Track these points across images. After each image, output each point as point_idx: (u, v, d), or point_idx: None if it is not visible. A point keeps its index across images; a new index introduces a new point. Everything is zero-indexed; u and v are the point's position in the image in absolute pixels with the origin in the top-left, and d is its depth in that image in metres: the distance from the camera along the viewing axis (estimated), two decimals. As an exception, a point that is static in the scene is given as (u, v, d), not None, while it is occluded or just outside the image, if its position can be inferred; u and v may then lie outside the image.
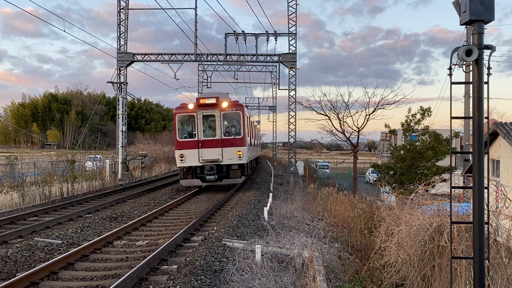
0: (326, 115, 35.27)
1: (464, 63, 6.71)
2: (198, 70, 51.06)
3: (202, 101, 21.22)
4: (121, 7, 33.33)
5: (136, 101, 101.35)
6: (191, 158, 21.04)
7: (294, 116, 36.63)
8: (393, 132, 36.05)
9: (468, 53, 6.37)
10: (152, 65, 47.58)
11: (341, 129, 35.13)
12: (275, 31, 34.89)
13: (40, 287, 7.62)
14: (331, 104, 34.65)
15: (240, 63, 35.18)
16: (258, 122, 55.33)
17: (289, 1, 35.31)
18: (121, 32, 33.31)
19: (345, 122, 34.97)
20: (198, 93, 48.01)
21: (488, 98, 6.67)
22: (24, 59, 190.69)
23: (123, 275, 7.43)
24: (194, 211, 16.16)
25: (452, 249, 7.85)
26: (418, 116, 30.21)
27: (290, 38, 35.05)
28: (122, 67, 32.70)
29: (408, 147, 29.07)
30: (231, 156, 21.02)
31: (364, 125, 34.43)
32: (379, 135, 68.31)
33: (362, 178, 47.13)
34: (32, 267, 8.55)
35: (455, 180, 28.84)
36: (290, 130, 36.99)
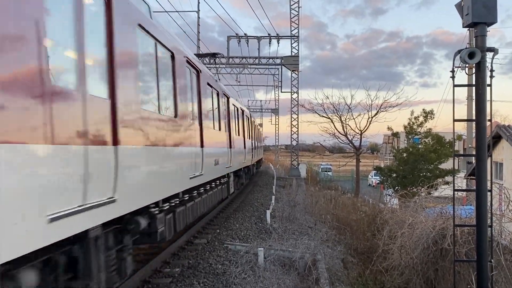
0: (329, 118, 35.36)
1: (467, 65, 6.72)
2: (201, 73, 50.93)
3: None
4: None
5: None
6: None
7: (296, 119, 36.63)
8: (395, 134, 36.07)
9: (471, 55, 6.38)
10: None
11: (344, 132, 35.17)
12: (277, 34, 34.93)
13: None
14: (334, 107, 34.74)
15: (243, 65, 35.23)
16: (261, 125, 55.24)
17: (291, 4, 35.38)
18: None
19: (347, 124, 35.03)
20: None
21: (491, 100, 6.66)
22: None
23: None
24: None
25: (455, 252, 7.83)
26: (421, 118, 30.22)
27: (292, 41, 35.10)
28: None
29: (411, 149, 29.04)
30: None
31: (367, 128, 34.48)
32: (381, 137, 68.19)
33: (365, 181, 47.06)
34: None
35: (458, 183, 28.80)
36: (292, 132, 36.99)
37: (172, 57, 7.58)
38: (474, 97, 6.90)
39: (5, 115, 3.20)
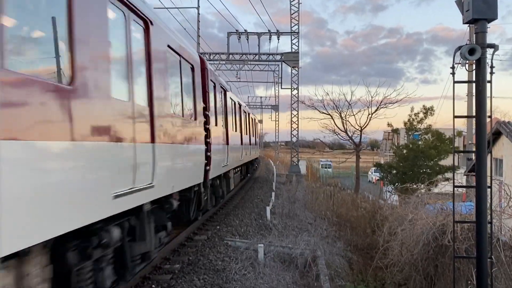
0: (329, 114, 35.27)
1: (467, 62, 6.71)
2: (201, 69, 50.85)
3: None
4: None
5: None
6: None
7: (296, 115, 36.60)
8: (395, 131, 36.04)
9: (471, 52, 6.36)
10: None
11: (344, 128, 35.12)
12: (277, 30, 34.86)
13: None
14: (334, 103, 34.64)
15: (243, 62, 35.18)
16: (261, 121, 55.15)
17: (291, 0, 35.27)
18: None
19: (347, 121, 34.96)
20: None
21: (491, 97, 6.65)
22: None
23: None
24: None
25: (455, 248, 7.84)
26: (421, 115, 30.22)
27: (293, 37, 35.01)
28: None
29: (410, 146, 29.05)
30: None
31: (367, 124, 34.40)
32: (381, 134, 68.20)
33: (365, 178, 47.07)
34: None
35: (458, 179, 28.79)
36: (292, 129, 36.97)
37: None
38: (474, 94, 6.89)
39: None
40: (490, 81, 6.61)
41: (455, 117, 7.21)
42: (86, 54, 4.54)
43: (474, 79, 6.70)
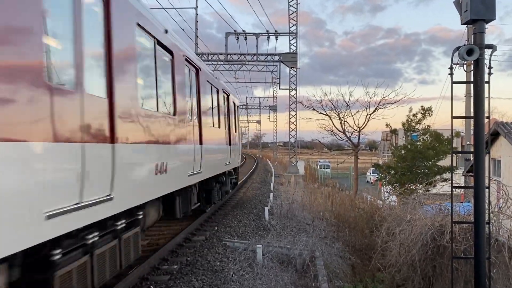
0: (327, 115, 35.25)
1: (465, 62, 6.70)
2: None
3: None
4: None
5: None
6: None
7: (294, 116, 36.61)
8: (394, 131, 36.00)
9: (469, 52, 6.36)
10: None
11: (342, 129, 35.12)
12: (275, 31, 34.90)
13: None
14: (332, 104, 34.63)
15: (241, 62, 35.19)
16: (259, 121, 54.99)
17: (289, 1, 35.31)
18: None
19: (346, 121, 34.95)
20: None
21: (489, 97, 6.66)
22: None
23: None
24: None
25: (453, 249, 7.84)
26: (419, 115, 30.17)
27: (291, 38, 35.05)
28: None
29: (409, 146, 29.04)
30: None
31: (365, 125, 34.41)
32: (380, 134, 68.12)
33: (363, 178, 47.09)
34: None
35: (456, 179, 28.77)
36: (290, 129, 36.98)
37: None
38: (472, 94, 6.90)
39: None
40: (488, 82, 6.62)
41: (453, 117, 7.22)
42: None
43: (472, 79, 6.71)
